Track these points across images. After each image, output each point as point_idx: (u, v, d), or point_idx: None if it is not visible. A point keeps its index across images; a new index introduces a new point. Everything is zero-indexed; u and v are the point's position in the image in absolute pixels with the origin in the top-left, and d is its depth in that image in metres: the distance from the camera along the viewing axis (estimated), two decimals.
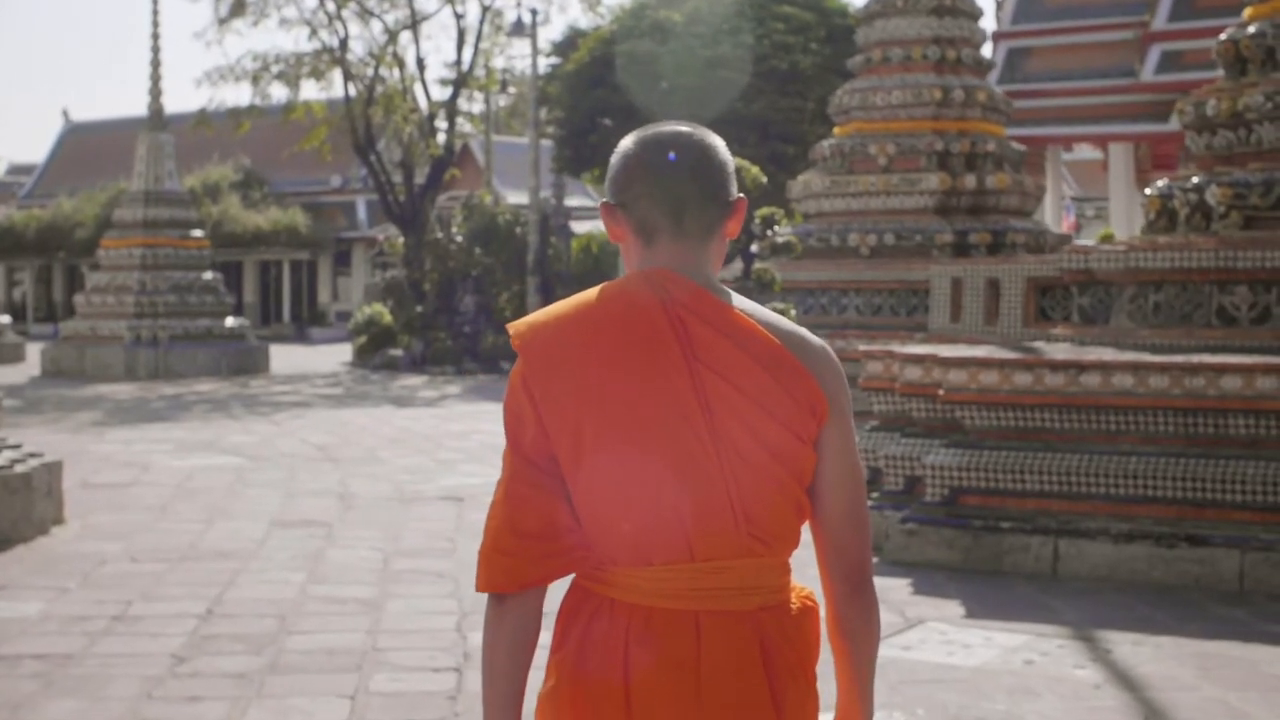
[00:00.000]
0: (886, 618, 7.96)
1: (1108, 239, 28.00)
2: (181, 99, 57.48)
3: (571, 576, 2.66)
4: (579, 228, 37.40)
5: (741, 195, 2.69)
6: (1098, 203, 53.33)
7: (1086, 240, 32.61)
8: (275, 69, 36.40)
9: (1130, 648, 7.33)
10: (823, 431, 2.59)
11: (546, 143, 35.68)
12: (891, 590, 8.61)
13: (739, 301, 2.63)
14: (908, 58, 17.96)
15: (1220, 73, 30.69)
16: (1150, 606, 8.25)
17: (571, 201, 40.26)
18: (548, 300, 31.15)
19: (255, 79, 36.50)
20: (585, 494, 2.54)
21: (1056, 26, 32.38)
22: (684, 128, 2.64)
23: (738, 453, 2.53)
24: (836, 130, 18.66)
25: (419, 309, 32.57)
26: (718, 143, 2.65)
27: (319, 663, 7.04)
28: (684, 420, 2.52)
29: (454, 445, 16.90)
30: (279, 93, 37.25)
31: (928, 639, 7.55)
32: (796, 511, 2.61)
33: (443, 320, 32.27)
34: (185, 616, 8.00)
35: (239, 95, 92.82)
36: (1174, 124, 31.44)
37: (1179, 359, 8.99)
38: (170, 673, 6.86)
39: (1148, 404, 8.99)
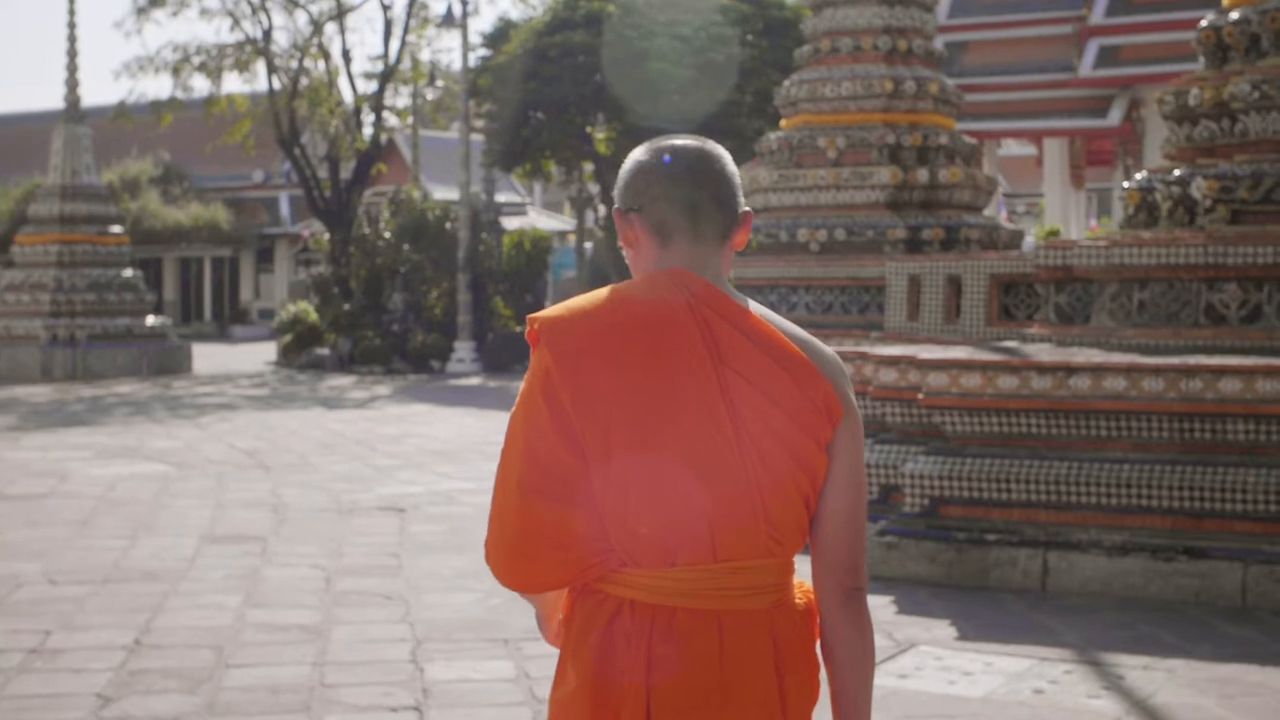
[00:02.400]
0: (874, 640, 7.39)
1: (1053, 234, 27.68)
2: (100, 92, 56.42)
3: None
4: (509, 224, 36.69)
5: (749, 209, 2.74)
6: (1028, 199, 53.30)
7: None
8: (196, 60, 35.44)
9: (1142, 673, 6.79)
10: (835, 436, 2.63)
11: (476, 138, 34.93)
12: (874, 609, 7.97)
13: (755, 307, 2.68)
14: (857, 48, 17.39)
15: (1156, 68, 30.00)
16: (1152, 625, 7.73)
17: (501, 197, 39.55)
18: (479, 298, 30.44)
19: (176, 71, 35.53)
20: (614, 493, 2.54)
21: (993, 21, 32.09)
22: (693, 140, 2.71)
23: (760, 454, 2.56)
24: (783, 123, 18.08)
25: (346, 307, 31.78)
26: (726, 155, 2.73)
27: (262, 702, 6.37)
28: (712, 421, 2.55)
29: (389, 450, 16.21)
30: (200, 85, 36.34)
31: (924, 665, 6.99)
32: (807, 512, 2.64)
33: (370, 318, 31.49)
34: (111, 648, 7.28)
35: (159, 88, 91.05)
36: (1112, 119, 31.49)
37: (1174, 361, 8.48)
38: (95, 717, 6.16)
39: (1141, 408, 8.47)
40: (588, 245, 41.59)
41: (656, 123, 28.79)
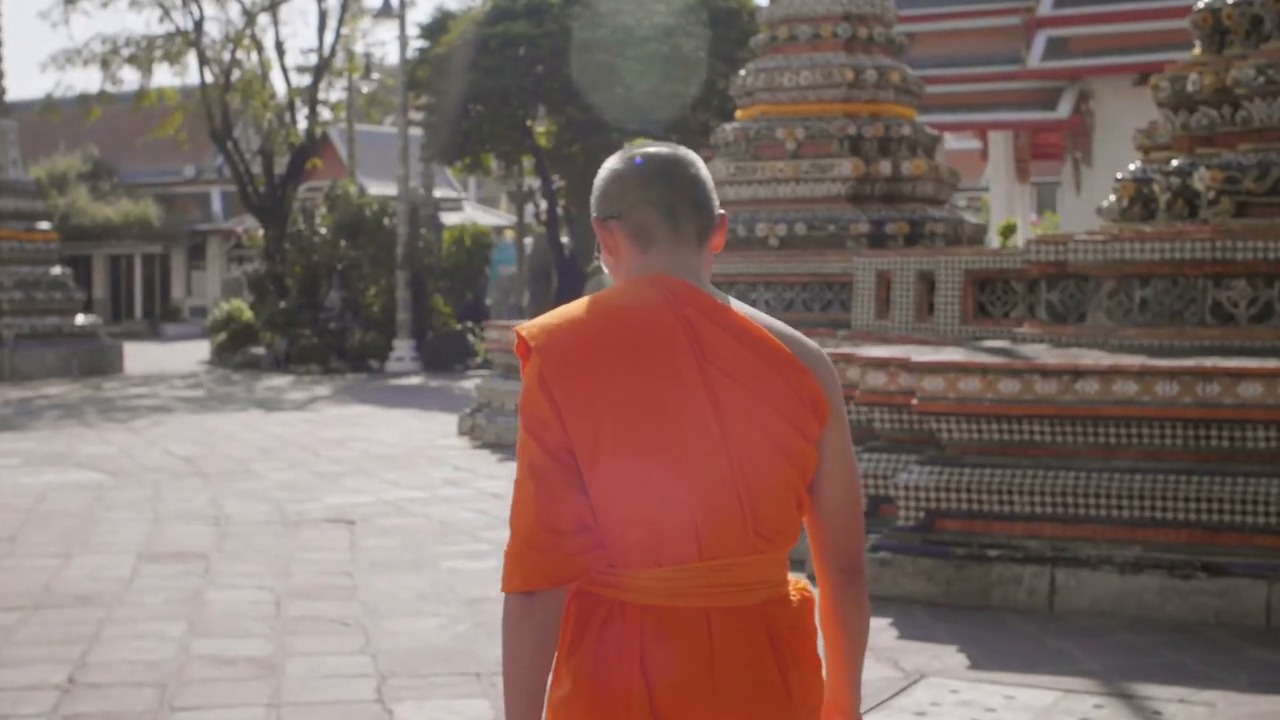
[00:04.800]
0: (879, 671, 6.81)
1: (1010, 229, 27.27)
2: (25, 85, 55.23)
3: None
4: (446, 219, 35.92)
5: (724, 211, 2.75)
6: (969, 193, 52.97)
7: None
8: (126, 52, 34.38)
9: (1180, 706, 6.23)
10: (824, 430, 2.66)
11: (415, 131, 34.11)
12: (872, 632, 7.41)
13: (736, 304, 2.71)
14: (816, 35, 16.82)
15: (1105, 60, 29.57)
16: (1177, 650, 7.17)
17: (437, 193, 38.76)
18: (418, 295, 29.65)
19: (105, 63, 34.45)
20: (602, 495, 2.56)
21: (940, 12, 31.64)
22: (665, 146, 2.75)
23: (748, 451, 2.59)
24: (739, 113, 17.48)
25: (281, 304, 30.92)
26: (699, 160, 2.77)
27: None
28: (697, 421, 2.57)
29: (332, 455, 15.50)
30: (130, 78, 35.28)
31: (941, 700, 6.39)
32: (799, 507, 2.68)
33: (307, 317, 30.65)
34: (42, 688, 6.57)
35: (88, 80, 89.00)
36: (1061, 111, 31.12)
37: (1189, 363, 7.93)
38: None
39: (1153, 414, 7.92)
40: (527, 241, 40.89)
41: (599, 115, 28.17)
